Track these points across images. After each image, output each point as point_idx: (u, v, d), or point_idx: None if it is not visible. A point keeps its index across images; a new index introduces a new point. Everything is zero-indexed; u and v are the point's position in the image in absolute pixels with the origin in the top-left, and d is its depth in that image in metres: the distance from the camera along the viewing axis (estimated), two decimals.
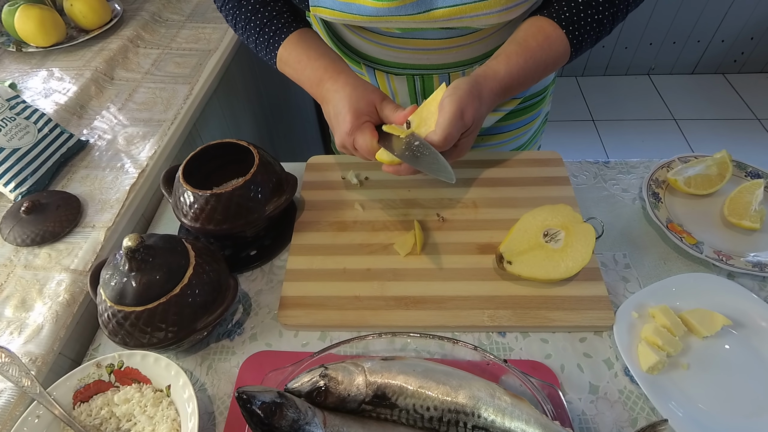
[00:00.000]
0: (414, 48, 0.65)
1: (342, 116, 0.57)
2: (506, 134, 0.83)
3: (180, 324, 0.51)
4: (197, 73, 0.94)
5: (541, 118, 0.88)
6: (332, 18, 0.60)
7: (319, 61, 0.61)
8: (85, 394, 0.52)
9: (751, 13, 2.23)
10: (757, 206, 0.64)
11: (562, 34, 0.58)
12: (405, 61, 0.68)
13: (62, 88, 0.90)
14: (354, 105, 0.57)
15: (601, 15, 0.58)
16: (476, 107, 0.55)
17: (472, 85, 0.55)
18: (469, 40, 0.64)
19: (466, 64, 0.68)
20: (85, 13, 0.99)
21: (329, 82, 0.60)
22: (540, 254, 0.58)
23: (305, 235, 0.67)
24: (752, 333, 0.54)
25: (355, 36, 0.68)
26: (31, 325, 0.57)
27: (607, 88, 2.48)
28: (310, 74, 0.61)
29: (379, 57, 0.69)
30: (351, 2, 0.57)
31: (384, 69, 0.70)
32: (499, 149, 0.85)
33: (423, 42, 0.64)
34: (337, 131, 0.59)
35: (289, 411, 0.42)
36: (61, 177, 0.76)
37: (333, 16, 0.60)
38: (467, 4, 0.55)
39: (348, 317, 0.58)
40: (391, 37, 0.64)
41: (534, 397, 0.47)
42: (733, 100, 2.36)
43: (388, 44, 0.66)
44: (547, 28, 0.58)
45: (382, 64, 0.70)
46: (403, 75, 0.70)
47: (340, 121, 0.58)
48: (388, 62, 0.69)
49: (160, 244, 0.53)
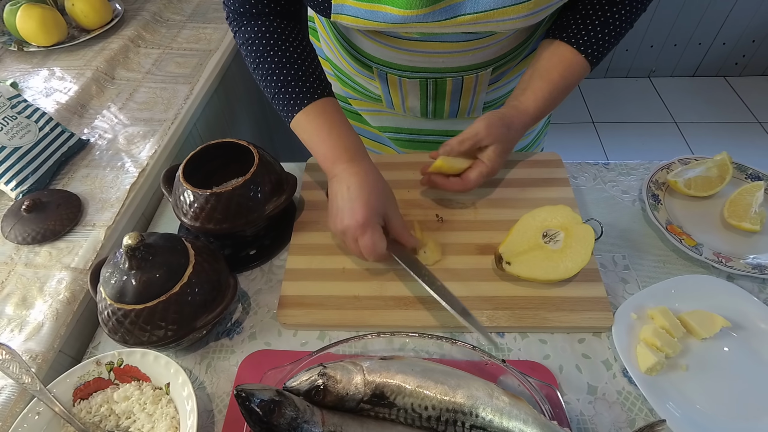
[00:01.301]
0: (430, 51, 0.64)
1: (356, 206, 0.55)
2: None
3: (180, 322, 0.51)
4: (198, 73, 0.95)
5: (543, 121, 0.88)
6: (353, 25, 0.58)
7: (339, 139, 0.60)
8: (85, 392, 0.52)
9: (752, 17, 2.23)
10: (757, 208, 0.64)
11: (582, 60, 0.61)
12: (419, 65, 0.67)
13: (63, 88, 0.90)
14: (372, 203, 0.55)
15: (618, 29, 0.61)
16: (503, 132, 0.61)
17: (504, 114, 0.62)
18: (486, 43, 0.64)
19: (480, 67, 0.67)
20: (87, 12, 1.00)
21: (350, 164, 0.58)
22: (539, 255, 0.58)
23: (305, 234, 0.67)
24: (751, 335, 0.54)
25: (368, 40, 0.67)
26: (31, 323, 0.58)
27: (607, 91, 2.47)
28: (325, 150, 0.60)
29: (392, 61, 0.68)
30: (377, 10, 0.55)
31: (396, 73, 0.69)
32: None
33: (441, 45, 0.63)
34: (346, 215, 0.56)
35: (288, 409, 0.42)
36: (61, 176, 0.76)
37: (355, 23, 0.58)
38: (494, 10, 0.54)
39: (347, 317, 0.58)
40: (408, 40, 0.63)
41: (532, 397, 0.47)
42: (734, 103, 2.35)
43: (403, 47, 0.65)
44: (568, 56, 0.61)
45: (394, 68, 0.69)
46: (415, 79, 0.69)
47: (352, 209, 0.55)
48: (402, 66, 0.68)
49: (160, 243, 0.53)
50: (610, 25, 0.60)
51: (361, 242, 0.55)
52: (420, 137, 0.83)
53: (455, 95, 0.72)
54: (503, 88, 0.75)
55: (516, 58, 0.71)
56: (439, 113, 0.77)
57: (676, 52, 2.41)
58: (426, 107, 0.75)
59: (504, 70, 0.71)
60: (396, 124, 0.82)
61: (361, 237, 0.55)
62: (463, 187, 0.64)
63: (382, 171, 0.60)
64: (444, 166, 0.64)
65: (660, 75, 2.52)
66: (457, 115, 0.78)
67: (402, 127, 0.82)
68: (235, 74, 1.10)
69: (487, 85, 0.71)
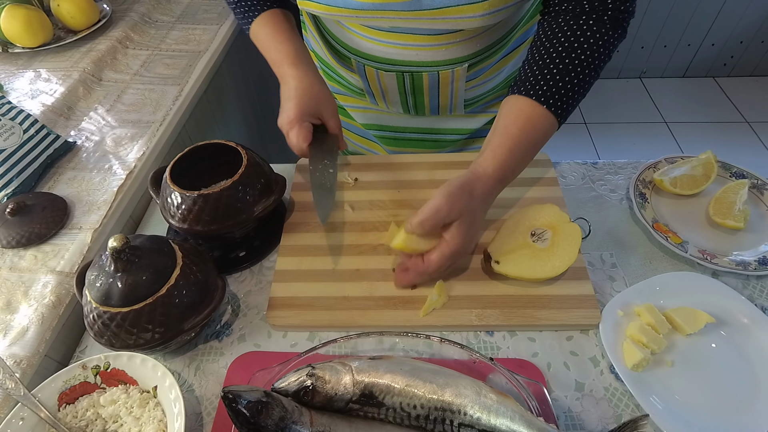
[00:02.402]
0: (403, 44, 0.66)
1: (289, 105, 0.63)
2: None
3: (167, 325, 0.51)
4: (187, 75, 0.94)
5: None
6: (319, 12, 0.62)
7: (284, 45, 0.67)
8: (71, 396, 0.51)
9: (740, 18, 2.26)
10: (741, 206, 0.65)
11: (543, 111, 0.55)
12: (394, 57, 0.68)
13: (49, 89, 0.89)
14: (304, 103, 0.63)
15: (580, 77, 0.55)
16: (466, 201, 0.53)
17: (464, 182, 0.54)
18: (456, 39, 0.64)
19: (455, 62, 0.68)
20: (73, 13, 0.99)
21: (290, 67, 0.65)
22: (527, 253, 0.58)
23: (294, 236, 0.67)
24: (735, 330, 0.55)
25: (344, 29, 0.69)
26: (16, 327, 0.57)
27: (599, 91, 2.49)
28: (273, 54, 0.68)
29: (368, 52, 0.69)
30: None
31: (374, 65, 0.70)
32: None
33: (412, 38, 0.65)
34: (282, 113, 0.64)
35: (276, 410, 0.42)
36: (47, 178, 0.75)
37: (320, 10, 0.61)
38: (450, 7, 0.56)
39: (337, 317, 0.58)
40: (381, 31, 0.65)
41: (520, 394, 0.47)
42: (723, 103, 2.38)
43: (376, 38, 0.66)
44: (527, 110, 0.56)
45: (371, 60, 0.70)
46: (392, 72, 0.70)
47: (286, 108, 0.64)
48: (378, 57, 0.69)
49: (147, 245, 0.52)
50: (570, 72, 0.55)
51: (289, 136, 0.63)
52: (405, 135, 0.84)
53: (433, 90, 0.73)
54: (482, 87, 0.76)
55: (492, 57, 0.71)
56: (420, 109, 0.77)
57: (666, 54, 2.43)
58: (407, 102, 0.76)
59: (481, 68, 0.72)
60: (381, 122, 0.83)
61: (290, 131, 0.63)
62: (424, 269, 0.55)
63: (371, 171, 0.61)
64: (406, 248, 0.56)
65: (651, 76, 2.54)
66: (439, 112, 0.78)
67: (387, 124, 0.83)
68: (225, 76, 1.09)
69: (465, 81, 0.72)
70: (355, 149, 0.91)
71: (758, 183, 0.69)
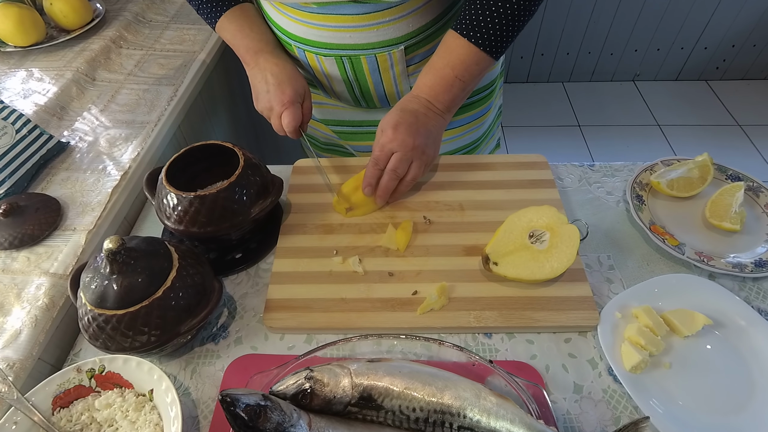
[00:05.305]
0: (335, 25, 0.66)
1: (284, 86, 0.67)
2: (459, 128, 0.85)
3: (163, 327, 0.50)
4: (182, 75, 0.93)
5: (494, 111, 0.90)
6: None
7: (264, 34, 0.72)
8: (65, 400, 0.51)
9: (732, 22, 2.28)
10: (737, 208, 0.65)
11: (464, 42, 0.62)
12: (329, 40, 0.68)
13: (42, 89, 0.88)
14: (293, 85, 0.67)
15: (502, 10, 0.60)
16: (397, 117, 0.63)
17: (396, 106, 0.65)
18: (387, 17, 0.65)
19: (391, 44, 0.68)
20: (66, 12, 0.98)
21: (271, 54, 0.70)
22: (525, 255, 0.58)
23: (291, 237, 0.66)
24: (732, 332, 0.55)
25: (280, 15, 0.70)
26: (8, 330, 0.56)
27: (593, 94, 2.51)
28: (249, 42, 0.71)
29: (305, 36, 0.70)
30: None
31: (313, 50, 0.71)
32: (456, 143, 0.86)
33: (342, 18, 0.65)
34: (271, 97, 0.67)
35: (274, 413, 0.41)
36: (40, 179, 0.74)
37: None
38: None
39: (334, 319, 0.57)
40: (311, 13, 0.66)
41: (519, 397, 0.47)
42: (715, 106, 2.41)
43: (309, 21, 0.67)
44: (448, 40, 0.64)
45: (309, 45, 0.70)
46: (331, 56, 0.70)
47: (276, 91, 0.67)
48: (314, 42, 0.69)
49: (142, 247, 0.52)
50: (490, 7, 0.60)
51: (286, 115, 0.66)
52: (362, 129, 0.85)
53: (374, 76, 0.73)
54: None
55: (429, 40, 0.71)
56: (369, 99, 0.78)
57: (659, 57, 2.45)
58: (353, 91, 0.77)
59: (419, 53, 0.72)
60: (336, 117, 0.85)
61: (286, 111, 0.66)
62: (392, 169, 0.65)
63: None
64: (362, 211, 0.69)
65: (644, 79, 2.56)
66: (389, 103, 0.79)
67: (342, 119, 0.85)
68: (220, 76, 1.09)
69: (405, 66, 0.72)
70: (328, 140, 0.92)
71: (754, 185, 0.70)
